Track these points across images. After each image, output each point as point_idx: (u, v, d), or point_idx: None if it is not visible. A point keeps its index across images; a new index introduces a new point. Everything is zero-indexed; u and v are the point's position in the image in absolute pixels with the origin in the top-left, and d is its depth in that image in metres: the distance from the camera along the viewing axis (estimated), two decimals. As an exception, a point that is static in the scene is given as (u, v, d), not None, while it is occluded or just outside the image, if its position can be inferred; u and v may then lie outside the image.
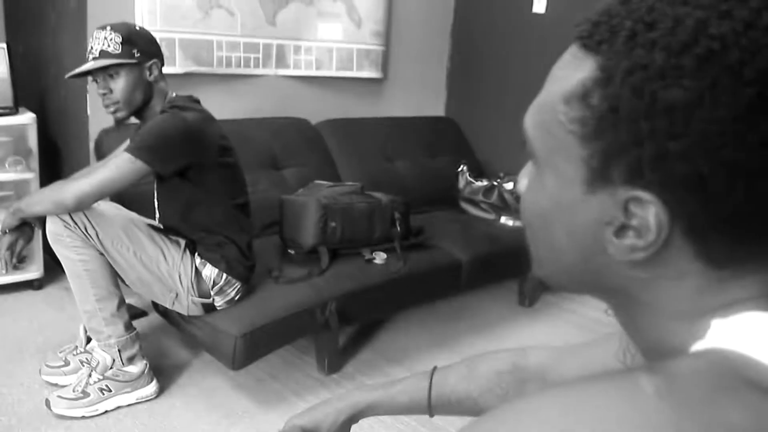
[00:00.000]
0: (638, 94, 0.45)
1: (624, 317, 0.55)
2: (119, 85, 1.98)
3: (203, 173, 2.06)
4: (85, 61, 2.00)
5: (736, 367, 0.43)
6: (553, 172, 0.52)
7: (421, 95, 3.88)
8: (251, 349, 2.06)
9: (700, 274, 0.48)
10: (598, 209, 0.49)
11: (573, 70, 0.49)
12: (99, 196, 1.96)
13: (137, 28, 2.06)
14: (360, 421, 0.96)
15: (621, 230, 0.48)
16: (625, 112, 0.45)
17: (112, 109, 2.03)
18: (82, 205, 1.94)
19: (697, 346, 0.47)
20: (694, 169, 0.44)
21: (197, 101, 2.12)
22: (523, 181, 0.58)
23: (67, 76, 2.05)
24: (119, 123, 2.08)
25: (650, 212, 0.46)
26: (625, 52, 0.46)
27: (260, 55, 3.11)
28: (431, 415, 0.95)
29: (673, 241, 0.47)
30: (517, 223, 3.06)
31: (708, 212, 0.45)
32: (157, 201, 2.19)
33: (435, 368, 0.96)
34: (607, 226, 0.49)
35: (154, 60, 2.03)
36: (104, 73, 1.98)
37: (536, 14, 3.43)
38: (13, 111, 2.73)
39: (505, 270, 2.94)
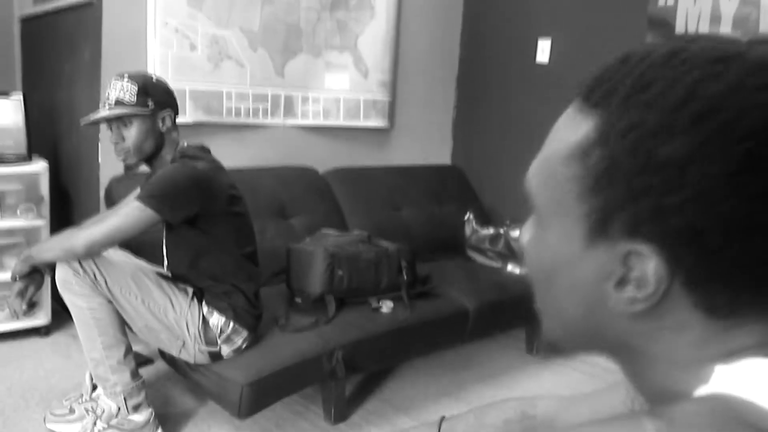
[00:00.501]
0: (634, 152, 0.46)
1: (628, 370, 0.56)
2: (132, 133, 2.02)
3: (212, 222, 2.08)
4: (101, 108, 2.05)
5: (738, 411, 0.43)
6: (554, 227, 0.54)
7: (427, 144, 3.92)
8: (258, 398, 2.05)
9: (701, 325, 0.49)
10: (598, 263, 0.50)
11: (573, 129, 0.51)
12: (109, 243, 1.98)
13: (154, 78, 2.11)
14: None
15: (621, 283, 0.50)
16: (621, 170, 0.47)
17: (122, 156, 2.07)
18: (92, 253, 1.96)
19: (700, 391, 0.47)
20: (690, 223, 0.45)
21: (207, 151, 2.15)
22: (525, 236, 0.59)
23: (82, 122, 2.10)
24: (129, 170, 2.11)
25: (649, 265, 0.47)
26: (621, 111, 0.47)
27: (269, 106, 3.17)
28: (440, 465, 0.94)
29: (673, 293, 0.48)
30: (524, 272, 3.05)
31: (706, 264, 0.46)
32: (166, 249, 2.20)
33: (443, 418, 0.96)
34: (607, 279, 0.50)
35: (168, 111, 2.07)
36: (118, 121, 2.02)
37: (539, 64, 3.49)
38: (27, 159, 2.77)
39: (512, 318, 2.93)
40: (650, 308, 0.49)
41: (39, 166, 2.78)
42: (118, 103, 2.00)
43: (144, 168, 2.14)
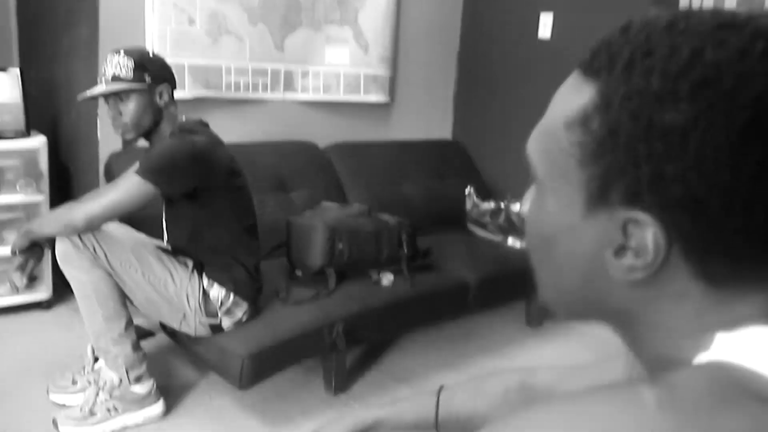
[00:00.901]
0: (636, 118, 0.46)
1: (627, 337, 0.56)
2: (129, 108, 2.01)
3: (212, 196, 2.08)
4: (98, 83, 2.04)
5: (737, 378, 0.43)
6: (554, 195, 0.53)
7: (428, 119, 3.90)
8: (259, 369, 2.06)
9: (701, 293, 0.48)
10: (597, 231, 0.50)
11: (574, 96, 0.51)
12: (108, 217, 1.98)
13: (150, 53, 2.10)
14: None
15: (620, 251, 0.49)
16: (623, 135, 0.47)
17: (120, 131, 2.06)
18: (92, 226, 1.96)
19: (701, 359, 0.47)
20: (690, 192, 0.45)
21: (206, 125, 2.15)
22: (527, 204, 0.59)
23: (79, 98, 2.08)
24: (127, 144, 2.11)
25: (648, 233, 0.47)
26: (624, 78, 0.47)
27: (268, 80, 3.15)
28: (438, 433, 0.95)
29: (672, 261, 0.48)
30: (524, 245, 3.06)
31: (705, 233, 0.46)
32: (166, 223, 2.21)
33: (442, 386, 0.97)
34: (607, 247, 0.50)
35: (165, 85, 2.05)
36: (115, 96, 2.01)
37: (541, 40, 3.46)
38: (25, 135, 2.77)
39: (512, 291, 2.94)
40: (649, 276, 0.49)
41: (38, 142, 2.77)
42: (115, 78, 1.99)
43: (142, 142, 2.13)
